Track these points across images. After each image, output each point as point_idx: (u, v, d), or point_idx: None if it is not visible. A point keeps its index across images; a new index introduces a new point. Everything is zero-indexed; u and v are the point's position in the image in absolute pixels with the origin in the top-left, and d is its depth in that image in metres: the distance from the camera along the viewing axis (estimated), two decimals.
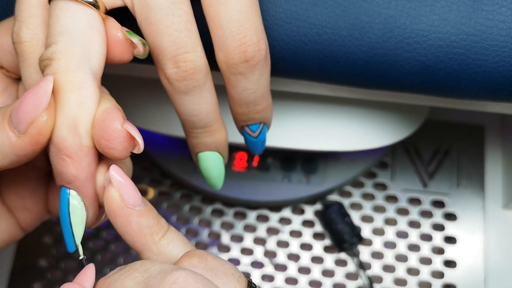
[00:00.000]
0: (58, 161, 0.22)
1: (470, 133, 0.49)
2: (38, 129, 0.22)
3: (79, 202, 0.23)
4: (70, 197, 0.23)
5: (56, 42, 0.22)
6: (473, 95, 0.29)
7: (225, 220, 0.48)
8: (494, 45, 0.27)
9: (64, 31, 0.23)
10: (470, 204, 0.47)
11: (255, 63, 0.26)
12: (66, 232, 0.24)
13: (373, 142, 0.40)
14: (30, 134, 0.22)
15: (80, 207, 0.24)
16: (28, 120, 0.22)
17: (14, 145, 0.22)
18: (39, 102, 0.22)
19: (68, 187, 0.23)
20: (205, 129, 0.27)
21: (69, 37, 0.22)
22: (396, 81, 0.29)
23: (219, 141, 0.28)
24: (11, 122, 0.22)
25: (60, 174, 0.23)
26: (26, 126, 0.22)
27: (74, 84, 0.22)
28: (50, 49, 0.22)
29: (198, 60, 0.25)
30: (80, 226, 0.24)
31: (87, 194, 0.23)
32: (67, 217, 0.24)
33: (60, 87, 0.22)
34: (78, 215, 0.24)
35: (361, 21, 0.28)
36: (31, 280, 0.46)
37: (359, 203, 0.48)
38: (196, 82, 0.25)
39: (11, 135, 0.22)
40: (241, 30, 0.25)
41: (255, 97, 0.27)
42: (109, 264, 0.46)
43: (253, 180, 0.46)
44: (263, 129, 0.29)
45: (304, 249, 0.47)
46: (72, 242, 0.24)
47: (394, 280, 0.45)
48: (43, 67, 0.23)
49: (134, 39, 0.24)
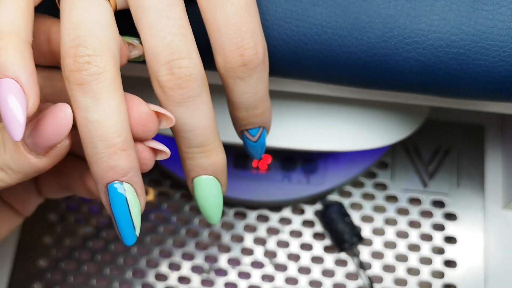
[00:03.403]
0: (110, 156, 0.22)
1: (470, 133, 0.49)
2: (60, 152, 0.22)
3: (133, 192, 0.23)
4: (126, 190, 0.23)
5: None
6: (473, 95, 0.29)
7: (225, 220, 0.48)
8: (494, 45, 0.27)
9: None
10: (470, 204, 0.47)
11: (253, 67, 0.25)
12: (126, 227, 0.24)
13: (373, 142, 0.40)
14: (52, 156, 0.22)
15: (135, 197, 0.23)
16: (48, 147, 0.22)
17: (35, 166, 0.22)
18: (60, 133, 0.22)
19: (121, 181, 0.23)
20: (201, 149, 0.26)
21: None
22: (396, 81, 0.29)
23: (217, 164, 0.26)
24: (25, 144, 0.22)
25: (111, 169, 0.22)
26: (46, 151, 0.22)
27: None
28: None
29: (193, 67, 0.24)
30: (139, 216, 0.24)
31: (139, 182, 0.23)
32: (127, 211, 0.23)
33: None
34: (136, 206, 0.24)
35: (361, 21, 0.28)
36: (31, 280, 0.46)
37: (359, 203, 0.48)
38: (192, 92, 0.24)
39: (30, 157, 0.22)
40: (238, 33, 0.25)
41: (254, 101, 0.27)
42: (109, 264, 0.46)
43: (253, 180, 0.46)
44: (262, 133, 0.29)
45: (304, 249, 0.47)
46: (133, 235, 0.24)
47: (394, 280, 0.45)
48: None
49: (129, 40, 0.24)
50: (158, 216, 0.48)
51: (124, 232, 0.24)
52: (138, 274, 0.46)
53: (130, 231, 0.24)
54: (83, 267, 0.46)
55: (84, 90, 0.22)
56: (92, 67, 0.22)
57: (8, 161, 0.22)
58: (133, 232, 0.24)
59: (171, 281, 0.46)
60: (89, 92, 0.22)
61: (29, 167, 0.22)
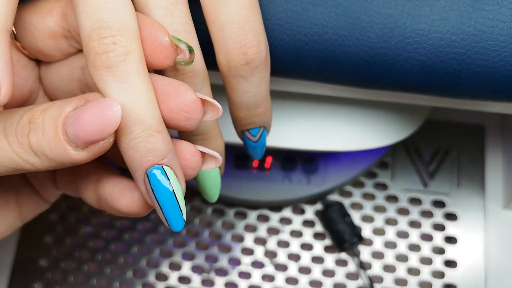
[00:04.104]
0: (148, 139, 0.21)
1: (471, 133, 0.49)
2: (101, 149, 0.21)
3: (174, 175, 0.22)
4: (168, 174, 0.22)
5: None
6: (474, 95, 0.29)
7: (225, 220, 0.48)
8: (495, 45, 0.27)
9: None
10: (471, 204, 0.47)
11: (256, 66, 0.26)
12: (174, 212, 0.23)
13: (373, 142, 0.40)
14: (92, 152, 0.21)
15: (176, 180, 0.22)
16: (89, 141, 0.21)
17: (72, 158, 0.21)
18: (105, 130, 0.20)
19: (161, 164, 0.22)
20: (202, 136, 0.27)
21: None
22: (396, 81, 0.29)
23: (216, 149, 0.27)
24: (65, 134, 0.21)
25: (150, 152, 0.21)
26: (86, 146, 0.21)
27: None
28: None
29: (196, 64, 0.25)
30: (183, 199, 0.23)
31: (177, 165, 0.22)
32: (172, 196, 0.22)
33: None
34: (179, 189, 0.22)
35: (362, 20, 0.28)
36: (31, 280, 0.46)
37: (360, 203, 0.48)
38: (194, 86, 0.25)
39: (68, 148, 0.21)
40: (242, 32, 0.25)
41: (256, 100, 0.27)
42: (109, 264, 0.46)
43: (253, 180, 0.46)
44: (263, 133, 0.29)
45: (305, 249, 0.47)
46: (181, 219, 0.23)
47: (395, 280, 0.45)
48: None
49: (181, 44, 0.23)
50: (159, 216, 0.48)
51: (172, 218, 0.23)
52: (139, 273, 0.46)
53: (178, 216, 0.23)
54: (84, 266, 0.46)
55: (113, 73, 0.21)
56: (119, 47, 0.21)
57: (44, 147, 0.21)
58: (181, 217, 0.23)
59: (172, 281, 0.46)
60: (119, 74, 0.21)
61: (65, 157, 0.21)
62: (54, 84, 0.26)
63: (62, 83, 0.26)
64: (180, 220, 0.23)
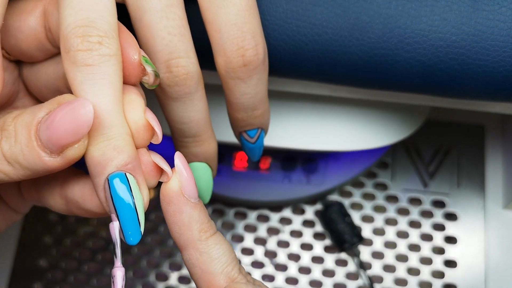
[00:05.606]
0: (117, 143, 0.21)
1: (471, 133, 0.49)
2: (76, 153, 0.20)
3: (136, 185, 0.21)
4: (130, 182, 0.21)
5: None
6: (474, 95, 0.29)
7: (225, 220, 0.48)
8: (495, 45, 0.27)
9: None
10: (471, 204, 0.47)
11: (254, 68, 0.25)
12: (131, 223, 0.22)
13: (373, 142, 0.40)
14: (67, 158, 0.20)
15: (138, 191, 0.22)
16: (63, 144, 0.20)
17: (46, 165, 0.20)
18: (79, 131, 0.20)
19: (125, 171, 0.21)
20: (194, 138, 0.27)
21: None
22: (396, 81, 0.29)
23: (209, 152, 0.28)
24: (39, 139, 0.20)
25: (115, 157, 0.21)
26: (60, 150, 0.20)
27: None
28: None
29: (190, 66, 0.24)
30: (143, 211, 0.22)
31: (140, 173, 0.22)
32: (132, 206, 0.21)
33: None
34: (140, 200, 0.22)
35: (362, 21, 0.28)
36: (31, 280, 0.46)
37: (360, 203, 0.48)
38: (188, 89, 0.25)
39: (42, 155, 0.20)
40: (239, 34, 0.25)
41: (253, 102, 0.27)
42: (109, 264, 0.46)
43: (253, 180, 0.46)
44: (260, 135, 0.29)
45: (305, 249, 0.47)
46: (139, 232, 0.22)
47: (395, 280, 0.45)
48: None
49: (148, 67, 0.23)
50: (159, 216, 0.48)
51: (127, 230, 0.22)
52: (139, 274, 0.46)
53: (135, 227, 0.22)
54: (84, 266, 0.46)
55: (93, 71, 0.20)
56: (105, 48, 0.21)
57: (17, 155, 0.20)
58: (139, 230, 0.22)
59: (172, 281, 0.46)
60: (99, 74, 0.20)
61: (40, 165, 0.20)
62: (41, 83, 0.26)
63: (50, 81, 0.25)
64: (137, 232, 0.22)
